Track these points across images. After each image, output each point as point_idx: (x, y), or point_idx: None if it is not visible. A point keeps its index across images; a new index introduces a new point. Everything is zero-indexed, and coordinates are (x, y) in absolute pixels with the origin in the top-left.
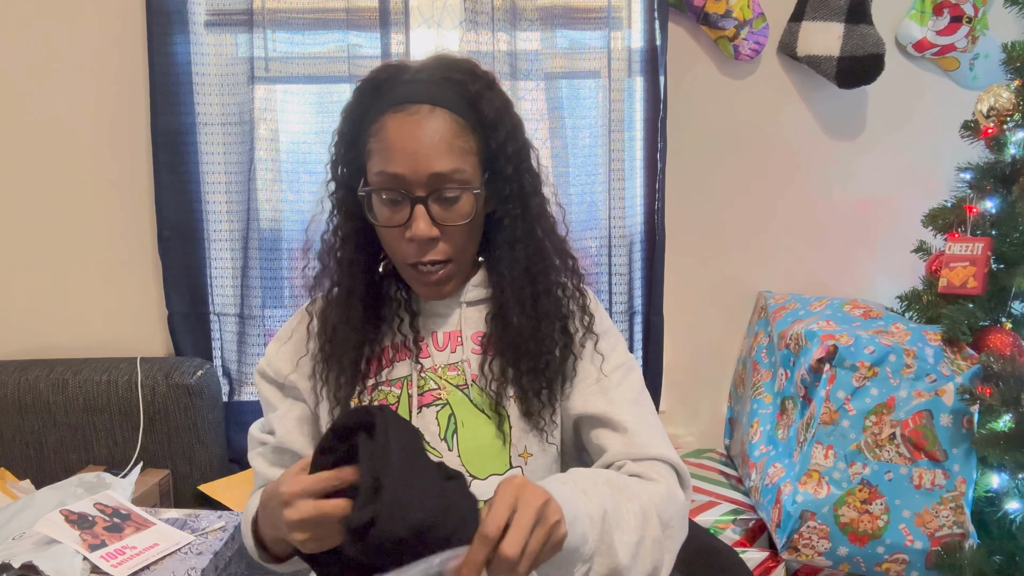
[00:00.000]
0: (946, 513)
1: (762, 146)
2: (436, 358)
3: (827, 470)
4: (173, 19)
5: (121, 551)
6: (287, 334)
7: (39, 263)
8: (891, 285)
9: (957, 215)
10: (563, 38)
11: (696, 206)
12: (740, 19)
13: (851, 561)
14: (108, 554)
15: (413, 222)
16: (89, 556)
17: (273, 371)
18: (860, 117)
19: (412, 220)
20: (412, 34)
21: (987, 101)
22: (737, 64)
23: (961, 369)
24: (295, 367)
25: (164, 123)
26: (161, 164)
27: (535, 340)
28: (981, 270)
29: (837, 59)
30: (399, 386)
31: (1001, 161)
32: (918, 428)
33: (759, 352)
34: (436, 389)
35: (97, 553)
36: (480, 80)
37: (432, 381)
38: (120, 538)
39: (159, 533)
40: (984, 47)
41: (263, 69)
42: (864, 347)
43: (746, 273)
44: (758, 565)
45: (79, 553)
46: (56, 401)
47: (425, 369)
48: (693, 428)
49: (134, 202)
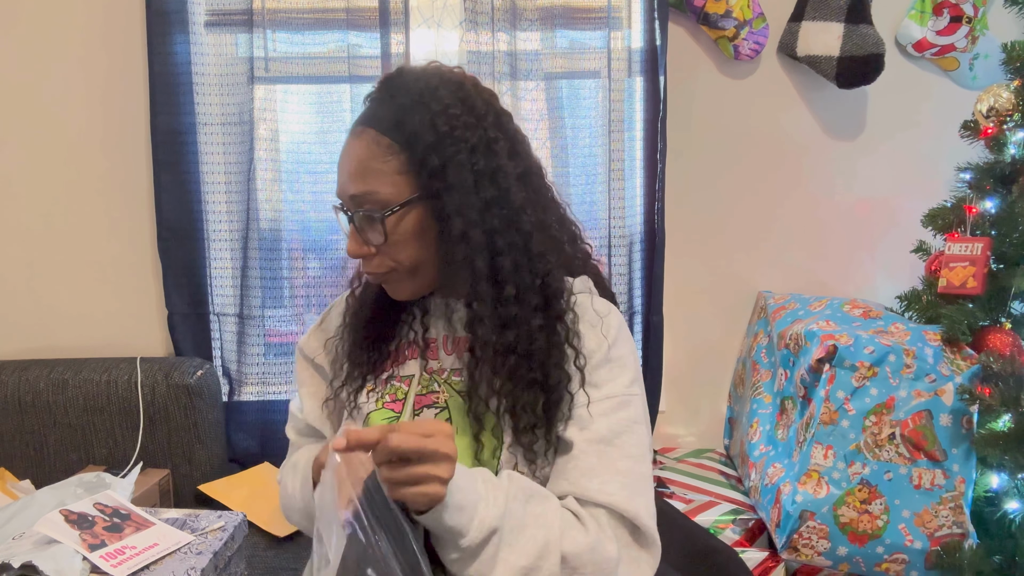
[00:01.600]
0: (945, 513)
1: (762, 146)
2: (443, 361)
3: (827, 470)
4: (173, 19)
5: (121, 551)
6: (324, 317)
7: (39, 263)
8: (891, 285)
9: (957, 215)
10: (563, 38)
11: (696, 206)
12: (740, 19)
13: (851, 561)
14: (108, 554)
15: (348, 239)
16: (89, 556)
17: (308, 349)
18: (860, 117)
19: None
20: (412, 34)
21: (987, 101)
22: (737, 64)
23: (961, 369)
24: (323, 349)
25: (164, 123)
26: (161, 164)
27: (517, 362)
28: (981, 270)
29: (837, 59)
30: (408, 383)
31: (1001, 161)
32: (918, 428)
33: (759, 352)
34: (437, 392)
35: (97, 553)
36: (420, 94)
37: (436, 383)
38: (120, 538)
39: (159, 533)
40: (984, 47)
41: (263, 69)
42: (864, 347)
43: (746, 273)
44: (758, 565)
45: (79, 553)
46: (56, 401)
47: (433, 371)
48: (693, 428)
49: (134, 202)
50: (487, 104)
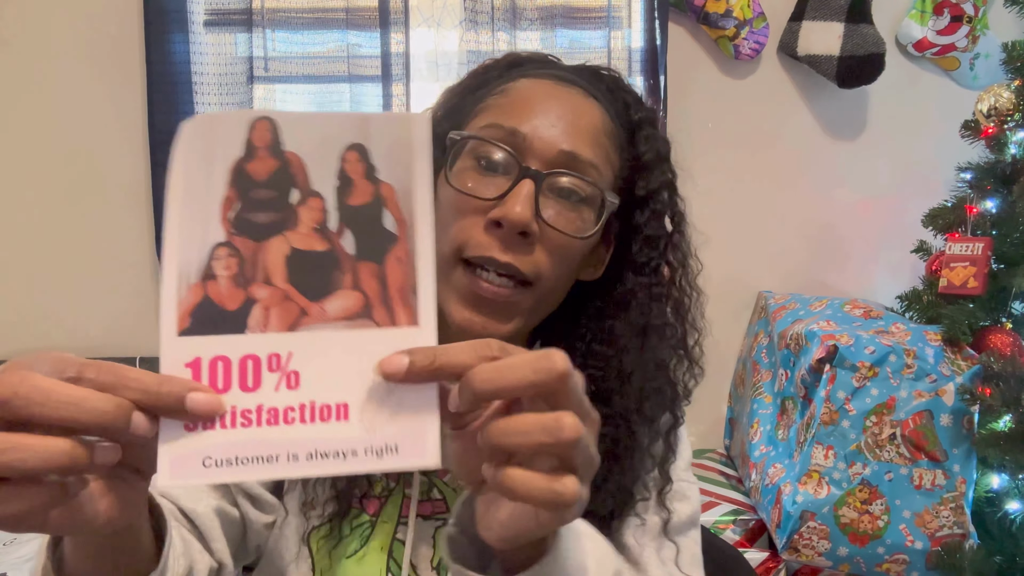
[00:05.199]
0: (946, 513)
1: (762, 146)
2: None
3: (827, 470)
4: (172, 18)
5: None
6: None
7: (38, 263)
8: (891, 285)
9: (957, 215)
10: (563, 38)
11: (695, 206)
12: (740, 19)
13: (851, 561)
14: None
15: (509, 199)
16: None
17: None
18: (860, 117)
19: (510, 197)
20: (412, 34)
21: (987, 101)
22: (737, 64)
23: (961, 369)
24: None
25: (162, 122)
26: (159, 164)
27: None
28: (981, 270)
29: (837, 59)
30: (394, 479)
31: (1001, 161)
32: (918, 428)
33: (759, 352)
34: (441, 499)
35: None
36: (644, 110)
37: (438, 489)
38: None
39: None
40: (984, 47)
41: (262, 69)
42: (864, 347)
43: (746, 273)
44: (758, 565)
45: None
46: None
47: (432, 471)
48: (693, 428)
49: (132, 202)
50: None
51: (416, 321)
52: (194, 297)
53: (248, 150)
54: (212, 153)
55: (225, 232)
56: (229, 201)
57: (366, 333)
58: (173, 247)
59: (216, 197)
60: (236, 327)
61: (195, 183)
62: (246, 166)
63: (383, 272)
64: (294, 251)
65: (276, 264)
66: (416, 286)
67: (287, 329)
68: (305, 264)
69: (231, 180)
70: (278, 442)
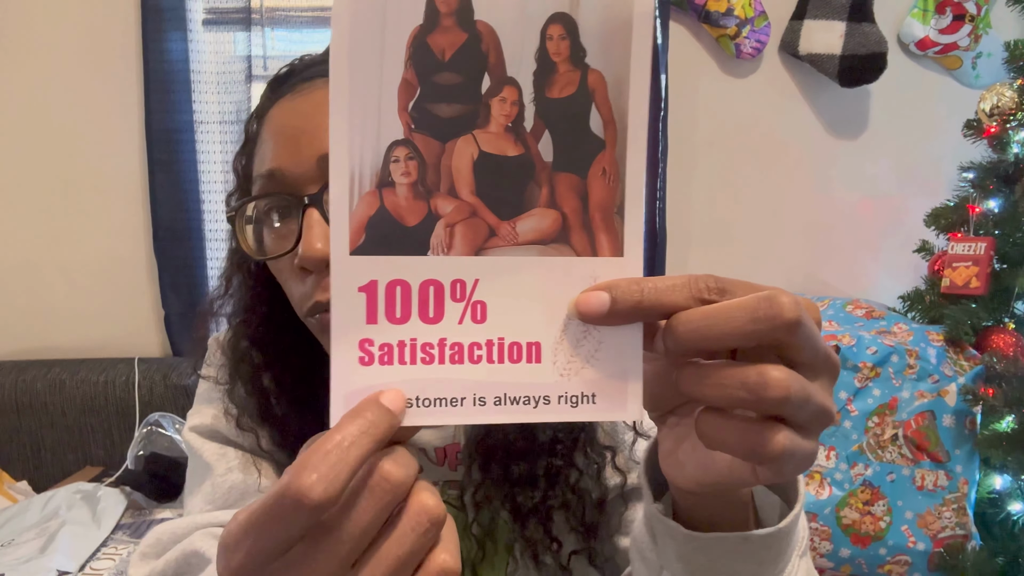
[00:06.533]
0: (948, 514)
1: (763, 145)
2: (432, 473)
3: (829, 471)
4: (170, 16)
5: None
6: (205, 390)
7: (35, 263)
8: (893, 285)
9: (960, 215)
10: None
11: (696, 206)
12: (742, 17)
13: (853, 563)
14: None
15: (303, 239)
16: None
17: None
18: (862, 116)
19: (303, 237)
20: None
21: (990, 100)
22: (738, 63)
23: (964, 370)
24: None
25: (159, 121)
26: (156, 163)
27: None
28: (984, 270)
29: (839, 58)
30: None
31: (1004, 160)
32: (920, 429)
33: None
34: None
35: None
36: None
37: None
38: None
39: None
40: (987, 46)
41: (261, 68)
42: (866, 347)
43: (746, 273)
44: None
45: (54, 570)
46: (53, 402)
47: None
48: None
49: (129, 201)
50: None
51: (620, 250)
52: (368, 208)
53: (431, 16)
54: (384, 18)
55: (404, 127)
56: (408, 85)
57: (562, 261)
58: (342, 142)
59: (392, 79)
60: (417, 247)
61: (365, 58)
62: (428, 39)
63: (585, 187)
64: (482, 155)
65: (463, 171)
66: (623, 206)
67: (473, 252)
68: (495, 172)
69: (410, 57)
70: (463, 383)
